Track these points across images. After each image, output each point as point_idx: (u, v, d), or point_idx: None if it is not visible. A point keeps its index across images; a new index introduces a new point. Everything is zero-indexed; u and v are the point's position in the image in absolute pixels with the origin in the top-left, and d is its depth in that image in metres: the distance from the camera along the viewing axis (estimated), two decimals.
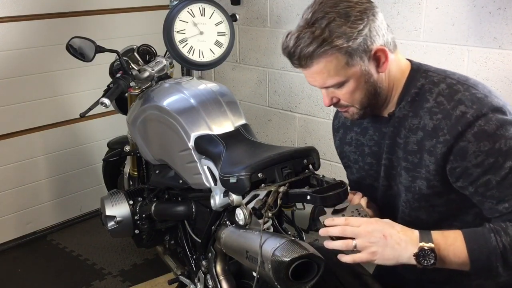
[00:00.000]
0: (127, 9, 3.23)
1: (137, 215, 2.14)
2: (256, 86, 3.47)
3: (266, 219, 1.40)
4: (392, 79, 1.34)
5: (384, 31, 1.29)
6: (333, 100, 1.35)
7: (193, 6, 2.32)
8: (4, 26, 2.77)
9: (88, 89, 3.05)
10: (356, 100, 1.33)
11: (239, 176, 1.49)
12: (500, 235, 1.16)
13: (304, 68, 1.30)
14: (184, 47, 2.29)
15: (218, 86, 2.03)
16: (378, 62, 1.29)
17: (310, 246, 1.31)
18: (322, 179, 1.47)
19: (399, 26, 2.69)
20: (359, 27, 1.23)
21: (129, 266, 2.79)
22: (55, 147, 3.12)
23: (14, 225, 3.03)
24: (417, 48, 2.65)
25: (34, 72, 2.93)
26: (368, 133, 1.46)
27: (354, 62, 1.25)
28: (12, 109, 2.89)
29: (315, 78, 1.32)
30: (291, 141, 3.38)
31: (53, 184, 3.17)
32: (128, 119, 2.26)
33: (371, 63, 1.28)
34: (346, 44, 1.22)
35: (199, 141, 1.78)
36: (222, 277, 1.71)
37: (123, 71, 2.15)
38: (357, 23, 1.23)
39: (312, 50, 1.24)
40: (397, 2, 2.67)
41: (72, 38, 2.11)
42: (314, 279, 1.28)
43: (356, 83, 1.29)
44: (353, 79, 1.28)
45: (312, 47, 1.23)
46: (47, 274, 2.75)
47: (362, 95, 1.31)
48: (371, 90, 1.31)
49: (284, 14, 3.18)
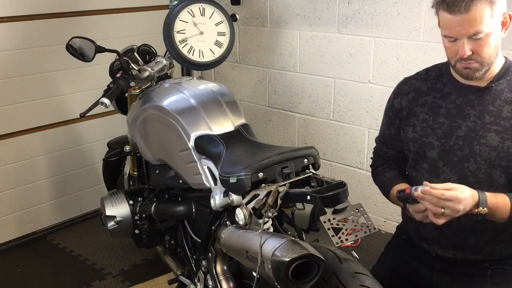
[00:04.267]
0: (127, 9, 3.23)
1: (137, 215, 2.14)
2: (256, 86, 3.47)
3: (266, 219, 1.41)
4: (496, 54, 1.55)
5: (505, 3, 1.52)
6: (469, 51, 1.50)
7: (193, 6, 2.32)
8: (4, 26, 2.77)
9: (88, 89, 3.05)
10: (486, 55, 1.51)
11: (239, 176, 1.49)
12: None
13: (460, 13, 1.45)
14: (184, 47, 2.29)
15: (218, 86, 2.03)
16: (503, 26, 1.53)
17: (310, 246, 1.31)
18: (322, 179, 1.47)
19: (399, 26, 2.70)
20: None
21: (129, 266, 2.79)
22: (55, 147, 3.12)
23: (14, 225, 3.03)
24: (417, 48, 2.66)
25: (34, 72, 2.93)
26: (450, 97, 1.66)
27: (495, 17, 1.47)
28: (12, 109, 2.89)
29: (465, 26, 1.46)
30: (291, 141, 3.38)
31: (53, 184, 3.17)
32: (128, 119, 2.26)
33: (499, 24, 1.51)
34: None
35: (199, 141, 1.78)
36: (222, 277, 1.71)
37: (123, 71, 2.15)
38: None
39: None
40: (397, 2, 2.68)
41: (72, 38, 2.11)
42: (314, 279, 1.28)
43: (491, 38, 1.49)
44: (491, 32, 1.48)
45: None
46: (47, 274, 2.75)
47: (490, 51, 1.51)
48: (496, 50, 1.53)
49: (284, 14, 3.18)
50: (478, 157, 1.59)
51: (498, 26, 1.51)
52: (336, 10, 2.92)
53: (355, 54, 2.91)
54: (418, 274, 1.76)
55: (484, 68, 1.54)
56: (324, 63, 3.06)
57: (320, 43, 3.04)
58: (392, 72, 2.77)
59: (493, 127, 1.57)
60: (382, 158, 1.89)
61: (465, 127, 1.61)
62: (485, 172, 1.59)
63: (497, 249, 1.65)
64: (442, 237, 1.68)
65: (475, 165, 1.60)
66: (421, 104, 1.71)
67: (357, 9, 2.84)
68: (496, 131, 1.57)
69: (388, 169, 1.84)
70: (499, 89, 1.59)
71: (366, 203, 2.99)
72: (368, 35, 2.83)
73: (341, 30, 2.93)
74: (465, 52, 1.50)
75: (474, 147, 1.59)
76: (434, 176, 1.66)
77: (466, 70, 1.55)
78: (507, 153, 1.56)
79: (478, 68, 1.53)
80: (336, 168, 3.18)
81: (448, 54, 1.58)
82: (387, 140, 1.84)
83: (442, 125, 1.66)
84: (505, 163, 1.56)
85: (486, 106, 1.59)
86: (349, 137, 3.06)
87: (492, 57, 1.53)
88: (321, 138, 3.20)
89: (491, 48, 1.51)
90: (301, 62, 3.17)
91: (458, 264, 1.69)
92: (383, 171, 1.85)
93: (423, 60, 2.63)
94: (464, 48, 1.49)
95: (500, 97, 1.58)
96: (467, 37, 1.48)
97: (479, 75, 1.55)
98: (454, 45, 1.52)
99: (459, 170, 1.63)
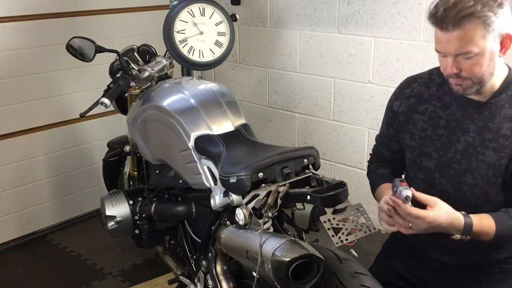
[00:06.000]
0: (127, 9, 3.23)
1: (137, 215, 2.14)
2: (256, 86, 3.47)
3: (266, 219, 1.40)
4: (497, 70, 1.50)
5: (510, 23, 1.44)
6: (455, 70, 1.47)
7: (193, 6, 2.32)
8: (4, 26, 2.77)
9: (88, 89, 3.05)
10: (476, 75, 1.46)
11: (239, 176, 1.49)
12: None
13: (448, 30, 1.41)
14: (184, 47, 2.29)
15: (218, 86, 2.03)
16: (502, 47, 1.46)
17: (310, 246, 1.31)
18: (322, 179, 1.47)
19: (399, 26, 2.70)
20: (502, 10, 1.41)
21: (129, 266, 2.79)
22: (55, 147, 3.12)
23: (14, 225, 3.03)
24: (417, 48, 2.66)
25: (34, 72, 2.93)
26: (450, 108, 1.62)
27: (489, 37, 1.41)
28: (12, 109, 2.89)
29: (452, 44, 1.42)
30: (291, 141, 3.38)
31: (53, 184, 3.17)
32: (128, 119, 2.26)
33: (497, 45, 1.44)
34: (492, 19, 1.39)
35: (199, 141, 1.78)
36: (222, 277, 1.71)
37: (123, 71, 2.15)
38: (502, 6, 1.41)
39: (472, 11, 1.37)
40: (397, 2, 2.68)
41: (72, 38, 2.11)
42: (314, 279, 1.28)
43: (483, 58, 1.43)
44: (483, 53, 1.42)
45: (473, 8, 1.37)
46: (47, 274, 2.75)
47: (482, 71, 1.45)
48: (490, 70, 1.47)
49: (284, 14, 3.18)
50: (475, 173, 1.57)
51: (494, 47, 1.44)
52: (336, 10, 2.93)
53: (355, 54, 2.91)
54: (414, 273, 1.76)
55: (475, 86, 1.49)
56: (324, 63, 3.06)
57: (320, 43, 3.04)
58: (392, 72, 2.77)
59: (491, 144, 1.54)
60: (378, 157, 1.90)
61: (463, 141, 1.59)
62: (482, 188, 1.57)
63: (492, 256, 1.65)
64: (437, 244, 1.67)
65: (472, 180, 1.58)
66: (420, 111, 1.68)
67: (357, 9, 2.84)
68: (494, 148, 1.54)
69: (381, 168, 1.85)
70: (499, 105, 1.54)
71: (366, 203, 2.99)
72: (368, 35, 2.83)
73: (341, 30, 2.93)
74: (452, 71, 1.46)
75: (472, 162, 1.57)
76: (430, 187, 1.65)
77: (457, 86, 1.52)
78: (504, 171, 1.53)
79: (469, 85, 1.49)
80: (336, 168, 3.18)
81: (440, 67, 1.54)
82: (385, 139, 1.84)
83: (441, 136, 1.63)
84: (502, 181, 1.54)
85: (486, 122, 1.55)
86: (349, 137, 3.06)
87: (485, 76, 1.47)
88: (321, 138, 3.20)
89: (483, 68, 1.45)
90: (301, 62, 3.17)
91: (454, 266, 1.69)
92: (376, 168, 1.86)
93: (423, 60, 2.63)
94: (451, 66, 1.46)
95: (500, 113, 1.54)
96: (455, 56, 1.44)
97: (471, 92, 1.51)
98: (444, 60, 1.49)
99: (455, 183, 1.61)
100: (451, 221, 1.45)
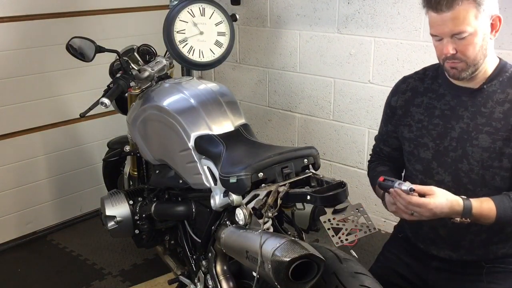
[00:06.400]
0: (127, 9, 3.23)
1: (137, 215, 2.13)
2: (256, 86, 3.47)
3: (266, 219, 1.40)
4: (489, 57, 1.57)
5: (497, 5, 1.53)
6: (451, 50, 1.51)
7: (193, 6, 2.32)
8: (4, 26, 2.77)
9: (88, 89, 3.05)
10: (470, 56, 1.52)
11: (239, 176, 1.49)
12: None
13: (442, 11, 1.47)
14: (184, 47, 2.29)
15: (218, 86, 2.03)
16: (493, 29, 1.53)
17: (310, 246, 1.31)
18: (322, 179, 1.47)
19: (399, 26, 2.70)
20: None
21: (129, 266, 2.79)
22: (55, 147, 3.12)
23: (14, 225, 3.03)
24: (417, 48, 2.66)
25: (34, 72, 2.93)
26: (445, 98, 1.67)
27: (481, 17, 1.48)
28: (12, 109, 2.89)
29: (447, 24, 1.48)
30: (291, 141, 3.38)
31: (53, 184, 3.17)
32: (128, 119, 2.26)
33: (488, 26, 1.51)
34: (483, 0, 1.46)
35: (199, 141, 1.78)
36: (222, 277, 1.71)
37: (123, 71, 2.15)
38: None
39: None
40: (397, 2, 2.68)
41: (72, 38, 2.11)
42: (314, 279, 1.28)
43: (476, 38, 1.49)
44: (476, 33, 1.48)
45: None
46: (47, 274, 2.75)
47: (476, 52, 1.51)
48: (483, 51, 1.53)
49: (284, 14, 3.18)
50: (470, 158, 1.60)
51: (485, 28, 1.51)
52: (336, 10, 2.93)
53: (355, 54, 2.91)
54: (415, 272, 1.77)
55: (470, 69, 1.55)
56: (324, 63, 3.06)
57: (320, 43, 3.04)
58: (392, 72, 2.77)
59: (485, 128, 1.59)
60: (378, 155, 1.93)
61: (458, 129, 1.63)
62: (478, 173, 1.60)
63: (492, 250, 1.66)
64: (438, 238, 1.69)
65: (468, 166, 1.61)
66: (417, 104, 1.73)
67: (357, 9, 2.84)
68: (488, 132, 1.58)
69: (380, 165, 1.87)
70: (491, 90, 1.60)
71: (366, 203, 2.99)
72: (368, 35, 2.83)
73: (341, 30, 2.93)
74: (448, 51, 1.52)
75: (467, 148, 1.61)
76: (428, 177, 1.68)
77: (452, 70, 1.57)
78: (498, 153, 1.57)
79: (464, 68, 1.55)
80: (336, 168, 3.18)
81: (436, 53, 1.60)
82: (384, 136, 1.87)
83: (436, 126, 1.67)
84: (497, 164, 1.58)
85: (479, 107, 1.60)
86: (349, 137, 3.06)
87: (478, 57, 1.53)
88: (321, 138, 3.20)
89: (476, 49, 1.51)
90: (301, 62, 3.17)
91: (454, 263, 1.70)
92: (375, 165, 1.89)
93: (423, 60, 2.63)
94: (447, 46, 1.52)
95: (492, 98, 1.59)
96: (451, 36, 1.50)
97: (466, 75, 1.56)
98: (440, 44, 1.54)
99: (452, 171, 1.64)
100: (450, 205, 1.49)
